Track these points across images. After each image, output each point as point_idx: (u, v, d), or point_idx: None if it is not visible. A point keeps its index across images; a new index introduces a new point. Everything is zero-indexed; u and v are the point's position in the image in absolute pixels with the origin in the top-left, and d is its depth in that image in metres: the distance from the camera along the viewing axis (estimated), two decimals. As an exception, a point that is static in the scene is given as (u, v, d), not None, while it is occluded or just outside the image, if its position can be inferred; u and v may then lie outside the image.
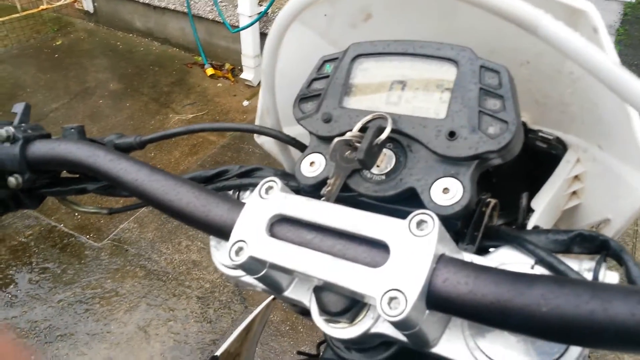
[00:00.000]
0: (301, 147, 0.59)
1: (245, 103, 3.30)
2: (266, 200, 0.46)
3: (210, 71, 3.57)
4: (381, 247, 0.40)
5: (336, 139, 0.47)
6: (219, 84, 3.49)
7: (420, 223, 0.40)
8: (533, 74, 0.54)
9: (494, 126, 0.45)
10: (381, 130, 0.48)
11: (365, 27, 0.58)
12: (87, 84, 3.39)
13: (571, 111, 0.56)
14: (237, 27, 3.28)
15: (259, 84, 3.43)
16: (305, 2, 0.51)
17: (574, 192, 0.60)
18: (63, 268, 2.21)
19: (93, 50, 3.78)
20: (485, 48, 0.52)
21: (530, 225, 0.54)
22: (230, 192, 0.61)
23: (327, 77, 0.55)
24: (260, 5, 3.22)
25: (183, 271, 2.21)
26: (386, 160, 0.49)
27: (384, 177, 0.49)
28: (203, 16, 3.55)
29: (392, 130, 0.48)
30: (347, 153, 0.49)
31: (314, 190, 0.53)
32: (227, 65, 3.64)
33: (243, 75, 3.50)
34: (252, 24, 3.17)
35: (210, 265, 2.22)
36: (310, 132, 0.54)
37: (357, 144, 0.49)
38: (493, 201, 0.49)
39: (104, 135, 0.62)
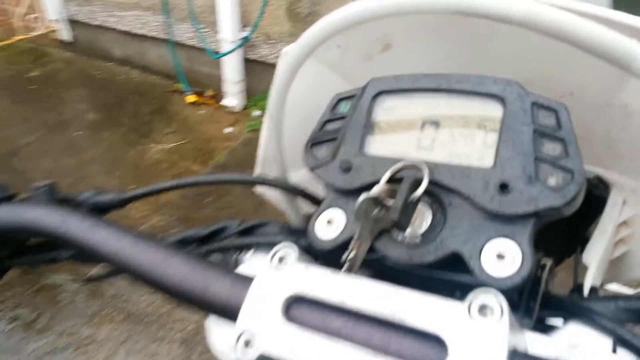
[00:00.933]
0: (313, 199, 0.51)
1: (228, 130, 3.23)
2: (281, 274, 0.37)
3: (191, 98, 3.50)
4: (433, 339, 0.32)
5: (363, 196, 0.39)
6: (200, 111, 3.41)
7: (483, 307, 0.31)
8: (575, 107, 0.47)
9: (556, 176, 0.37)
10: (417, 183, 0.40)
11: (384, 59, 0.50)
12: (64, 115, 3.28)
13: (619, 147, 0.49)
14: (219, 52, 3.22)
15: (241, 110, 3.36)
16: (320, 37, 0.43)
17: (620, 239, 0.52)
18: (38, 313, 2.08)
19: (71, 81, 3.68)
20: (520, 79, 0.45)
21: (587, 286, 0.46)
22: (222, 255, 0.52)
23: (344, 117, 0.47)
24: (243, 31, 3.16)
25: (164, 312, 2.09)
26: (421, 217, 0.41)
27: (419, 238, 0.41)
28: (183, 43, 3.50)
29: (429, 182, 0.40)
30: (375, 211, 0.41)
31: (331, 255, 0.44)
32: (209, 92, 3.57)
33: (225, 102, 3.43)
34: (234, 49, 3.11)
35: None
36: (326, 184, 0.46)
37: (387, 200, 0.40)
38: (549, 262, 0.42)
39: (81, 178, 0.53)
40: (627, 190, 0.50)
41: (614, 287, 0.57)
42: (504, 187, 0.38)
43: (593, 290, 0.45)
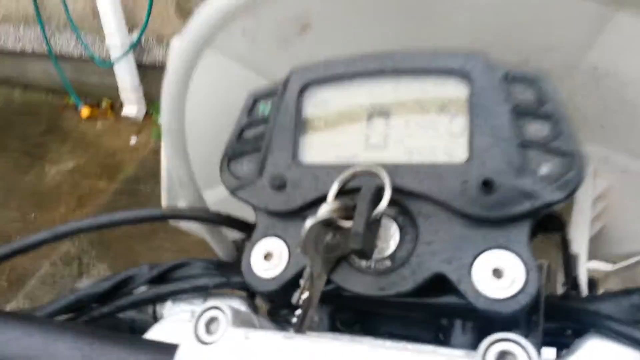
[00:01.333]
0: (241, 225, 0.40)
1: (133, 141, 3.01)
2: (210, 350, 0.27)
3: (86, 112, 3.24)
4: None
5: (308, 223, 0.29)
6: (98, 125, 3.17)
7: (503, 355, 0.23)
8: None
9: (550, 163, 0.30)
10: (377, 194, 0.31)
11: (304, 43, 0.40)
12: (-60, 150, 2.92)
13: (585, 113, 0.43)
14: (109, 60, 2.99)
15: (144, 117, 3.15)
16: (214, 22, 0.33)
17: (596, 215, 0.47)
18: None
19: (-59, 110, 3.28)
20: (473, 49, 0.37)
21: (583, 281, 0.40)
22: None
23: (266, 121, 0.37)
24: (131, 34, 2.95)
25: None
26: (386, 234, 0.32)
27: (388, 262, 0.32)
28: (68, 54, 3.21)
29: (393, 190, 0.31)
30: (327, 237, 0.31)
31: (276, 296, 0.34)
32: (105, 103, 3.32)
33: (124, 112, 3.20)
34: (124, 55, 2.90)
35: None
36: (255, 208, 0.36)
37: (341, 221, 0.31)
38: (545, 263, 0.34)
39: None
40: (597, 160, 0.44)
41: (593, 265, 0.52)
42: (487, 185, 0.30)
43: (591, 284, 0.38)
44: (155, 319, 0.42)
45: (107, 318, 0.41)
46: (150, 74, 3.10)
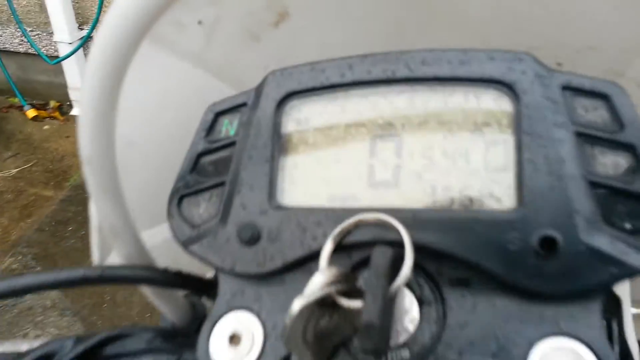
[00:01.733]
0: (198, 286, 0.30)
1: (83, 144, 2.84)
2: None
3: (32, 113, 3.08)
4: None
5: (295, 306, 0.20)
6: (45, 127, 2.99)
7: None
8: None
9: (635, 213, 0.21)
10: (395, 262, 0.21)
11: (275, 39, 0.30)
12: None
13: None
14: (57, 57, 2.83)
15: (96, 120, 2.99)
16: (153, 8, 0.23)
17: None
18: None
19: None
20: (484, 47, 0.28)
21: (633, 344, 0.31)
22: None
23: (231, 144, 0.27)
24: (82, 30, 2.80)
25: (36, 374, 1.75)
26: (400, 310, 0.23)
27: (405, 353, 0.23)
28: (12, 50, 3.04)
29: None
30: (321, 322, 0.22)
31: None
32: (53, 103, 3.16)
33: (74, 112, 3.05)
34: (74, 51, 2.75)
35: None
36: (218, 269, 0.26)
37: (339, 298, 0.22)
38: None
39: None
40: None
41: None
42: (547, 244, 0.21)
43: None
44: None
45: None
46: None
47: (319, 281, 0.21)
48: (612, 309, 0.32)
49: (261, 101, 0.26)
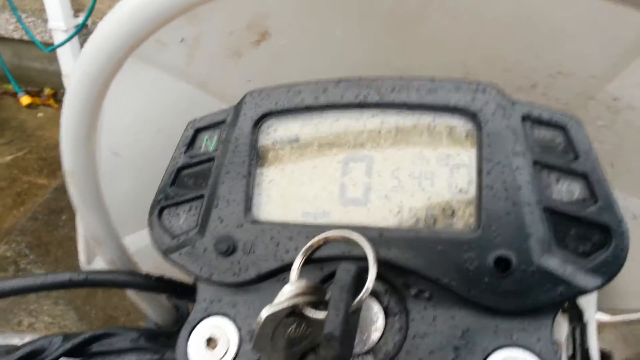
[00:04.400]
0: (177, 290, 0.32)
1: (77, 132, 2.84)
2: None
3: (26, 100, 3.06)
4: None
5: (263, 314, 0.21)
6: (39, 114, 2.99)
7: None
8: (535, 101, 0.33)
9: (584, 237, 0.23)
10: (359, 278, 0.23)
11: (257, 56, 0.31)
12: None
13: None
14: (52, 44, 2.81)
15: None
16: (139, 29, 0.24)
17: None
18: None
19: None
20: (461, 70, 0.30)
21: (594, 351, 0.33)
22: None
23: (210, 159, 0.28)
24: (77, 17, 2.78)
25: (29, 361, 1.77)
26: (366, 319, 0.25)
27: (370, 357, 0.24)
28: (6, 36, 3.02)
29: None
30: (290, 329, 0.23)
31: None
32: (47, 91, 3.14)
33: (69, 101, 3.02)
34: (68, 39, 2.72)
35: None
36: (196, 277, 0.27)
37: (307, 309, 0.23)
38: (559, 348, 0.28)
39: None
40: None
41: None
42: (502, 264, 0.22)
43: (604, 357, 0.32)
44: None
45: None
46: (96, 61, 2.93)
47: (287, 292, 0.22)
48: (575, 319, 0.33)
49: (239, 119, 0.28)
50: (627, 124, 0.34)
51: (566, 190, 0.23)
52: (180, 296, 0.32)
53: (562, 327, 0.32)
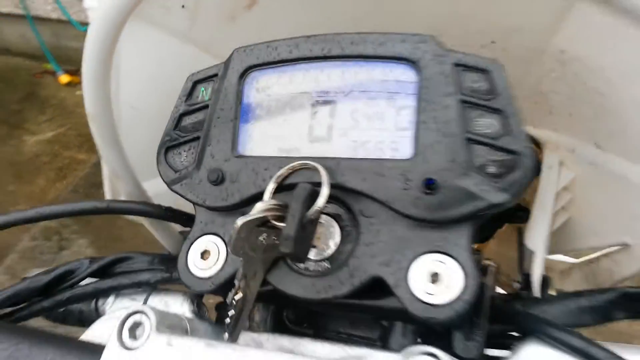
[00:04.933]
0: (181, 218, 0.38)
1: (114, 109, 2.94)
2: (133, 355, 0.26)
3: (65, 79, 3.16)
4: None
5: (238, 222, 0.27)
6: (78, 92, 3.09)
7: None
8: (499, 57, 0.38)
9: (497, 162, 0.28)
10: (313, 194, 0.28)
11: (251, 19, 0.37)
12: None
13: (552, 101, 0.41)
14: (87, 23, 2.88)
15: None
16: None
17: (560, 207, 0.45)
18: None
19: None
20: (429, 31, 0.35)
21: (536, 281, 0.38)
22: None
23: (205, 107, 0.34)
24: (110, -3, 2.84)
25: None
26: (326, 234, 0.31)
27: (327, 264, 0.30)
28: (45, 16, 3.11)
29: (332, 186, 0.29)
30: (261, 237, 0.29)
31: (215, 293, 0.33)
32: (85, 70, 3.22)
33: (105, 79, 3.11)
34: (104, 19, 2.79)
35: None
36: (194, 203, 0.34)
37: (276, 223, 0.29)
38: (493, 266, 0.33)
39: None
40: (564, 149, 0.42)
41: (557, 258, 0.51)
42: (429, 184, 0.28)
43: (545, 282, 0.37)
44: (98, 314, 0.40)
45: (48, 312, 0.39)
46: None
47: (259, 207, 0.28)
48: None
49: (228, 73, 0.33)
50: (575, 76, 0.38)
51: (487, 124, 0.28)
52: (185, 224, 0.39)
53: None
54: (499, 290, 0.45)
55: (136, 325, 0.27)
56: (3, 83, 3.13)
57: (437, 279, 0.27)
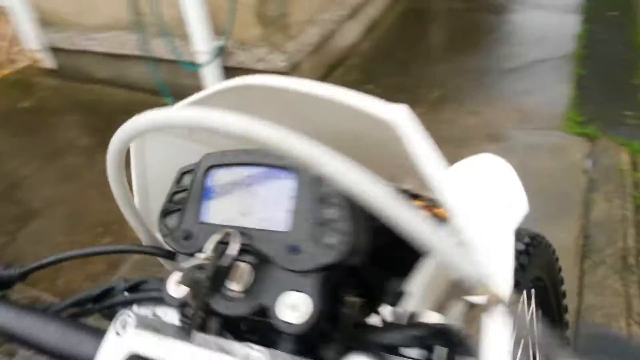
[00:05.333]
0: (173, 257, 0.59)
1: (215, 139, 3.27)
2: (121, 338, 0.46)
3: (178, 111, 3.52)
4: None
5: (185, 266, 0.47)
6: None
7: None
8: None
9: (332, 237, 0.45)
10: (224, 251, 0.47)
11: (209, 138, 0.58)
12: (57, 143, 3.39)
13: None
14: (196, 64, 3.28)
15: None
16: (124, 140, 0.51)
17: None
18: None
19: (60, 108, 3.78)
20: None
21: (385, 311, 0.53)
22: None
23: (186, 189, 0.54)
24: (217, 40, 3.21)
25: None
26: (247, 275, 0.49)
27: (243, 294, 0.48)
28: (162, 57, 3.54)
29: (245, 245, 0.47)
30: (206, 274, 0.48)
31: (182, 307, 0.52)
32: (194, 103, 3.59)
33: (210, 111, 3.46)
34: (210, 61, 3.17)
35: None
36: (175, 250, 0.54)
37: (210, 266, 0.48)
38: (357, 301, 0.49)
39: None
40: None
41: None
42: (294, 249, 0.45)
43: (412, 316, 0.52)
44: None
45: (99, 312, 0.61)
46: (233, 76, 3.32)
47: (200, 256, 0.47)
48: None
49: (199, 169, 0.53)
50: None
51: (330, 213, 0.44)
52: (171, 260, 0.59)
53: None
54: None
55: (124, 322, 0.47)
56: (129, 115, 3.56)
57: (295, 308, 0.44)
